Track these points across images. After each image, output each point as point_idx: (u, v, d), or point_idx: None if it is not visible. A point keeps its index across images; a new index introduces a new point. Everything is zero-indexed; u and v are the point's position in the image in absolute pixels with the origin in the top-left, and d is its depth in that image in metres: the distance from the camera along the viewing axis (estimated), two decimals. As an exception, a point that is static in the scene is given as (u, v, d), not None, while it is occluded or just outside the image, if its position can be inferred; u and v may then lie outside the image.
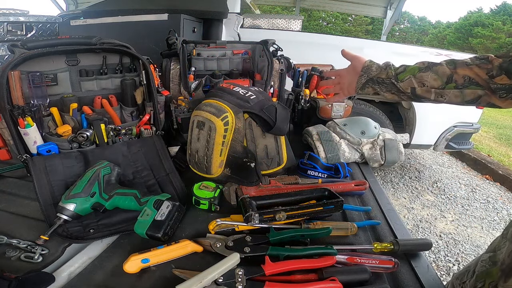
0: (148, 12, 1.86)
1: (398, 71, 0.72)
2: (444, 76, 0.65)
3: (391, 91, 0.74)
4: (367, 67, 0.77)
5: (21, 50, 0.72)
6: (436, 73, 0.66)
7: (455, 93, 0.64)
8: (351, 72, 0.81)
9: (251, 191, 0.78)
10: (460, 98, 0.64)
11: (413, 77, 0.69)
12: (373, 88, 0.77)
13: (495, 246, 0.64)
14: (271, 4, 9.02)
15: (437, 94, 0.66)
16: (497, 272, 0.58)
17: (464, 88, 0.63)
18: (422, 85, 0.68)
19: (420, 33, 22.58)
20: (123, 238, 0.65)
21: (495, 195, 2.85)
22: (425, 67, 0.68)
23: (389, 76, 0.72)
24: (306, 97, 1.28)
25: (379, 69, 0.75)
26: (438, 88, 0.66)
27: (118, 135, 0.86)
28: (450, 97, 0.65)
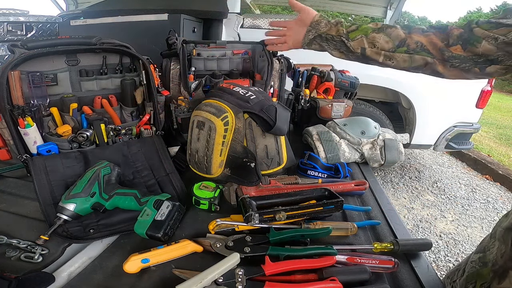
0: (148, 12, 1.86)
1: (350, 29, 0.70)
2: (397, 39, 0.64)
3: (339, 49, 0.72)
4: (316, 22, 0.74)
5: (21, 50, 0.72)
6: (389, 36, 0.65)
7: (404, 57, 0.64)
8: (299, 24, 0.78)
9: (251, 191, 0.78)
10: (408, 63, 0.64)
11: (364, 37, 0.67)
12: (321, 45, 0.75)
13: (484, 246, 0.63)
14: (271, 4, 9.01)
15: (386, 57, 0.65)
16: (488, 273, 0.57)
17: (414, 53, 0.62)
18: (373, 45, 0.66)
19: (420, 33, 22.55)
20: (123, 238, 0.65)
21: (495, 195, 2.85)
22: (378, 28, 0.67)
23: (340, 33, 0.71)
24: (306, 97, 1.28)
25: (329, 25, 0.72)
26: (388, 51, 0.65)
27: (118, 135, 0.86)
28: (399, 61, 0.64)
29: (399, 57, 0.64)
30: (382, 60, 0.66)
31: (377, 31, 0.66)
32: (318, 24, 0.73)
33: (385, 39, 0.65)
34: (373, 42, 0.66)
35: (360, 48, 0.68)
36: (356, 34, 0.68)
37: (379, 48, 0.66)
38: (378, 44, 0.66)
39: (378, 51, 0.66)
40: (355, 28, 0.69)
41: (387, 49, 0.65)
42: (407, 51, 0.63)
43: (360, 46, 0.68)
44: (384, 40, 0.65)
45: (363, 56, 0.68)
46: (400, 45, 0.63)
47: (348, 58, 0.72)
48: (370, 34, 0.67)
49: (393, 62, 0.65)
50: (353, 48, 0.69)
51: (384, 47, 0.65)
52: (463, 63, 0.59)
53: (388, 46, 0.65)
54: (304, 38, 0.76)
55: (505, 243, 0.56)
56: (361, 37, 0.67)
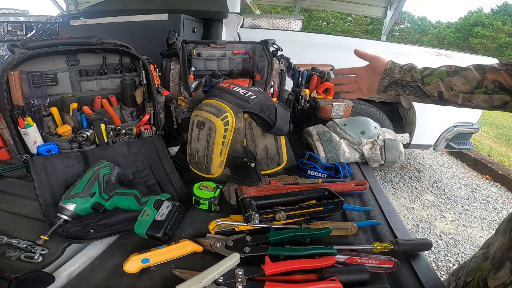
0: (148, 12, 1.86)
1: (424, 74, 0.70)
2: (474, 81, 0.64)
3: (415, 94, 0.72)
4: (389, 69, 0.74)
5: (21, 50, 0.72)
6: (465, 78, 0.65)
7: (484, 98, 0.64)
8: (371, 72, 0.79)
9: (251, 191, 0.78)
10: (489, 103, 0.64)
11: (440, 81, 0.67)
12: (396, 91, 0.75)
13: (489, 242, 0.65)
14: (271, 4, 9.02)
15: (465, 99, 0.66)
16: (487, 266, 0.59)
17: (493, 93, 0.62)
18: (450, 89, 0.67)
19: (420, 33, 22.58)
20: (123, 238, 0.65)
21: (495, 195, 2.85)
22: (452, 71, 0.67)
23: (415, 79, 0.71)
24: (306, 97, 1.28)
25: (402, 72, 0.73)
26: (466, 93, 0.65)
27: (118, 135, 0.86)
28: (478, 102, 0.64)
29: (479, 98, 0.64)
30: (461, 102, 0.66)
31: (452, 74, 0.66)
32: (392, 71, 0.74)
33: (461, 81, 0.65)
34: (449, 85, 0.66)
35: (437, 92, 0.68)
36: (432, 79, 0.69)
37: (456, 91, 0.66)
38: (455, 87, 0.66)
39: (456, 94, 0.66)
40: (429, 73, 0.70)
41: (465, 91, 0.65)
42: (486, 92, 0.63)
43: (436, 90, 0.68)
44: (461, 83, 0.65)
45: (441, 99, 0.69)
46: (478, 86, 0.63)
47: (424, 101, 0.72)
48: (446, 78, 0.67)
49: (472, 103, 0.65)
50: (430, 92, 0.69)
51: (462, 89, 0.65)
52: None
53: (466, 88, 0.65)
54: (379, 85, 0.76)
55: (505, 235, 0.58)
56: (437, 81, 0.68)
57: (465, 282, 0.64)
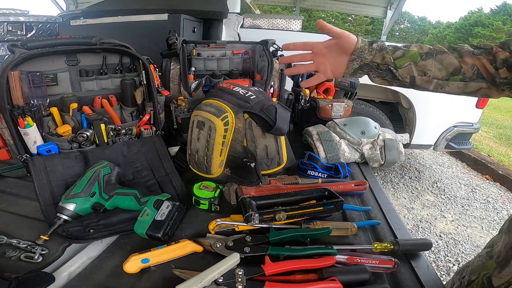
0: (148, 12, 1.86)
1: (396, 56, 0.63)
2: (451, 67, 0.59)
3: (383, 77, 0.66)
4: (360, 50, 0.65)
5: (21, 50, 0.72)
6: (440, 63, 0.60)
7: (459, 85, 0.60)
8: (335, 50, 0.68)
9: (251, 191, 0.78)
10: (462, 89, 0.60)
11: (413, 65, 0.62)
12: (366, 73, 0.68)
13: (493, 242, 0.65)
14: (271, 4, 9.02)
15: (438, 85, 0.61)
16: (492, 265, 0.59)
17: (470, 81, 0.59)
18: (423, 74, 0.61)
19: (420, 33, 22.59)
20: (123, 238, 0.65)
21: (495, 195, 2.85)
22: (425, 53, 0.62)
23: (387, 62, 0.64)
24: (306, 97, 1.28)
25: (373, 52, 0.65)
26: (441, 79, 0.60)
27: (118, 135, 0.86)
28: (452, 88, 0.61)
29: (453, 85, 0.60)
30: (433, 88, 0.62)
31: (425, 57, 0.61)
32: (363, 52, 0.65)
33: (437, 66, 0.60)
34: (423, 70, 0.61)
35: (409, 77, 0.62)
36: (404, 61, 0.62)
37: (430, 77, 0.61)
38: (430, 73, 0.61)
39: (429, 80, 0.61)
40: (401, 54, 0.63)
41: (440, 78, 0.60)
42: (463, 79, 0.59)
43: (409, 74, 0.62)
44: (436, 68, 0.60)
45: (412, 84, 0.63)
46: (455, 73, 0.59)
47: (391, 84, 0.66)
48: (420, 62, 0.61)
49: (445, 89, 0.61)
50: (402, 77, 0.63)
51: (436, 75, 0.60)
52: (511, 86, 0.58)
53: (441, 75, 0.60)
54: (347, 67, 0.68)
55: (509, 233, 0.58)
56: (410, 65, 0.62)
57: (470, 280, 0.63)
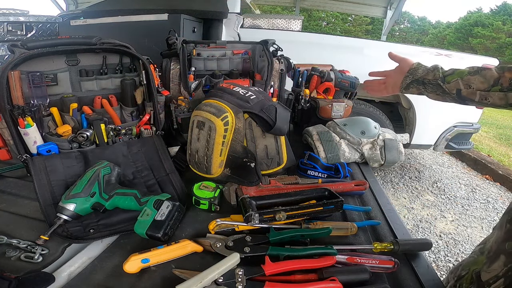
0: (148, 12, 1.86)
1: (446, 73, 0.73)
2: (491, 79, 0.66)
3: (435, 92, 0.75)
4: (414, 69, 0.78)
5: (21, 50, 0.72)
6: (484, 77, 0.67)
7: (500, 95, 0.65)
8: (398, 72, 0.83)
9: (251, 191, 0.78)
10: (505, 101, 0.65)
11: (460, 79, 0.70)
12: (418, 89, 0.78)
13: (486, 239, 0.67)
14: (271, 4, 9.02)
15: (482, 97, 0.67)
16: (482, 260, 0.60)
17: (508, 91, 0.64)
18: (468, 87, 0.69)
19: (420, 33, 22.58)
20: (123, 238, 0.65)
21: (495, 195, 2.85)
22: (474, 71, 0.69)
23: (436, 77, 0.74)
24: (306, 97, 1.28)
25: (426, 71, 0.76)
26: (483, 91, 0.67)
27: (118, 135, 0.86)
28: (494, 99, 0.66)
29: (495, 96, 0.66)
30: (478, 99, 0.68)
31: (472, 74, 0.69)
32: (416, 70, 0.78)
33: (480, 80, 0.67)
34: (468, 84, 0.69)
35: (456, 89, 0.71)
36: (453, 77, 0.71)
37: (474, 89, 0.68)
38: (473, 85, 0.68)
39: (473, 92, 0.68)
40: (451, 72, 0.72)
41: (482, 89, 0.67)
42: (502, 90, 0.65)
43: (455, 87, 0.71)
44: (479, 81, 0.67)
45: (459, 96, 0.71)
46: (494, 84, 0.65)
47: (445, 99, 0.75)
48: (466, 77, 0.69)
49: (489, 100, 0.67)
50: (448, 90, 0.72)
51: (479, 87, 0.67)
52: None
53: (483, 86, 0.67)
54: (402, 83, 0.80)
55: (501, 228, 0.59)
56: (457, 80, 0.70)
57: (460, 276, 0.65)
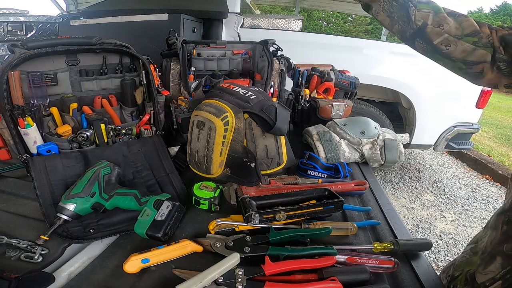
0: (148, 12, 1.86)
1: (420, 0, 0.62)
2: (469, 29, 0.58)
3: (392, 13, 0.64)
4: None
5: (21, 50, 0.72)
6: (459, 23, 0.59)
7: (467, 48, 0.58)
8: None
9: (251, 191, 0.78)
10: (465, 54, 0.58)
11: (433, 13, 0.60)
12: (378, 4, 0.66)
13: (477, 238, 0.64)
14: (271, 4, 9.03)
15: (445, 41, 0.59)
16: (476, 261, 0.58)
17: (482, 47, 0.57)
18: (438, 25, 0.59)
19: (420, 33, 22.54)
20: (123, 238, 0.65)
21: (495, 195, 2.85)
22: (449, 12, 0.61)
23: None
24: (306, 97, 1.28)
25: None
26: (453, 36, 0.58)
27: (118, 135, 0.86)
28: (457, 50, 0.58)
29: (461, 46, 0.57)
30: (438, 42, 0.59)
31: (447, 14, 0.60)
32: None
33: (454, 24, 0.58)
34: (440, 22, 0.59)
35: (422, 22, 0.60)
36: (426, 7, 0.61)
37: (443, 30, 0.58)
38: (446, 27, 0.58)
39: (440, 32, 0.59)
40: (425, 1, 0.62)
41: (453, 35, 0.58)
42: (476, 43, 0.57)
43: (423, 19, 0.60)
44: (454, 25, 0.58)
45: (420, 30, 0.60)
46: (470, 34, 0.57)
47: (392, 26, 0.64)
48: (441, 14, 0.59)
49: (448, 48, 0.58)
50: (415, 18, 0.60)
51: (450, 31, 0.58)
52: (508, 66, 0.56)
53: (455, 32, 0.58)
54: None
55: (496, 229, 0.57)
56: (429, 12, 0.60)
57: (453, 276, 0.63)
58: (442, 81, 2.44)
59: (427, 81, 2.45)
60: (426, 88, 2.48)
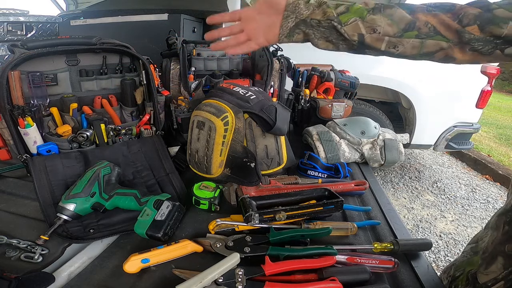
0: (148, 12, 1.86)
1: (339, 11, 0.55)
2: (402, 22, 0.53)
3: (327, 38, 0.57)
4: (293, 4, 0.56)
5: (21, 50, 0.72)
6: (390, 18, 0.53)
7: (414, 43, 0.53)
8: (266, 11, 0.59)
9: (251, 191, 0.78)
10: (418, 49, 0.53)
11: (360, 21, 0.54)
12: (305, 34, 0.58)
13: (478, 237, 0.64)
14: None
15: (390, 44, 0.54)
16: (477, 261, 0.58)
17: (427, 38, 0.52)
18: (373, 31, 0.53)
19: (420, 33, 22.56)
20: (123, 238, 0.65)
21: (495, 195, 2.85)
22: (371, 8, 0.54)
23: (329, 17, 0.55)
24: (306, 97, 1.28)
25: (310, 7, 0.56)
26: (393, 36, 0.53)
27: (118, 135, 0.86)
28: (407, 48, 0.53)
29: (407, 43, 0.53)
30: (385, 47, 0.54)
31: (372, 12, 0.54)
32: (297, 6, 0.56)
33: (387, 21, 0.53)
34: (372, 27, 0.53)
35: (357, 34, 0.54)
36: (349, 16, 0.54)
37: (381, 34, 0.53)
38: (380, 29, 0.53)
39: (380, 37, 0.53)
40: (344, 9, 0.55)
41: (392, 34, 0.53)
42: (419, 36, 0.52)
43: (356, 32, 0.54)
44: (386, 23, 0.53)
45: (361, 44, 0.55)
46: (407, 28, 0.52)
47: (337, 48, 0.58)
48: (368, 17, 0.54)
49: (398, 49, 0.54)
50: (348, 34, 0.54)
51: (387, 31, 0.53)
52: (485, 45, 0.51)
53: (392, 31, 0.53)
54: (281, 27, 0.58)
55: (497, 229, 0.56)
56: (356, 21, 0.54)
57: (454, 277, 0.63)
58: (442, 81, 2.44)
59: (427, 81, 2.45)
60: (426, 88, 2.48)
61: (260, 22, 0.60)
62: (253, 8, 0.61)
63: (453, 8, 0.52)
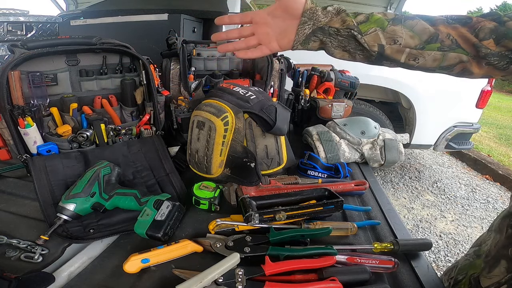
0: (148, 12, 1.86)
1: (359, 20, 0.53)
2: (425, 34, 0.51)
3: (345, 47, 0.54)
4: (311, 11, 0.53)
5: (21, 50, 0.72)
6: (410, 29, 0.51)
7: (436, 55, 0.51)
8: (281, 15, 0.56)
9: (251, 191, 0.78)
10: (438, 62, 0.51)
11: (380, 31, 0.52)
12: (322, 42, 0.55)
13: (481, 240, 0.63)
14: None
15: (411, 56, 0.52)
16: (480, 264, 0.57)
17: (449, 50, 0.50)
18: (393, 42, 0.51)
19: (420, 33, 22.56)
20: (123, 238, 0.65)
21: (495, 195, 2.85)
22: (392, 19, 0.52)
23: (348, 25, 0.52)
24: (306, 97, 1.28)
25: (328, 15, 0.54)
26: (414, 48, 0.51)
27: (118, 135, 0.86)
28: (427, 60, 0.51)
29: (429, 56, 0.51)
30: (405, 59, 0.52)
31: (392, 23, 0.51)
32: (315, 13, 0.53)
33: (408, 33, 0.51)
34: (393, 37, 0.51)
35: (377, 45, 0.52)
36: (369, 26, 0.52)
37: (401, 45, 0.51)
38: (401, 40, 0.51)
39: (400, 49, 0.51)
40: (364, 19, 0.53)
41: (413, 46, 0.51)
42: (441, 48, 0.50)
43: (376, 42, 0.51)
44: (407, 35, 0.51)
45: (380, 55, 0.52)
46: (430, 40, 0.50)
47: (354, 58, 0.55)
48: (388, 27, 0.51)
49: (418, 61, 0.51)
50: (368, 45, 0.52)
51: (409, 43, 0.51)
52: (501, 60, 0.49)
53: (414, 43, 0.51)
54: (297, 33, 0.54)
55: (500, 232, 0.56)
56: (376, 31, 0.51)
57: (456, 280, 0.62)
58: (442, 81, 2.44)
59: (427, 81, 2.45)
60: (426, 88, 2.48)
61: (273, 26, 0.56)
62: (266, 11, 0.57)
63: (469, 21, 0.51)
